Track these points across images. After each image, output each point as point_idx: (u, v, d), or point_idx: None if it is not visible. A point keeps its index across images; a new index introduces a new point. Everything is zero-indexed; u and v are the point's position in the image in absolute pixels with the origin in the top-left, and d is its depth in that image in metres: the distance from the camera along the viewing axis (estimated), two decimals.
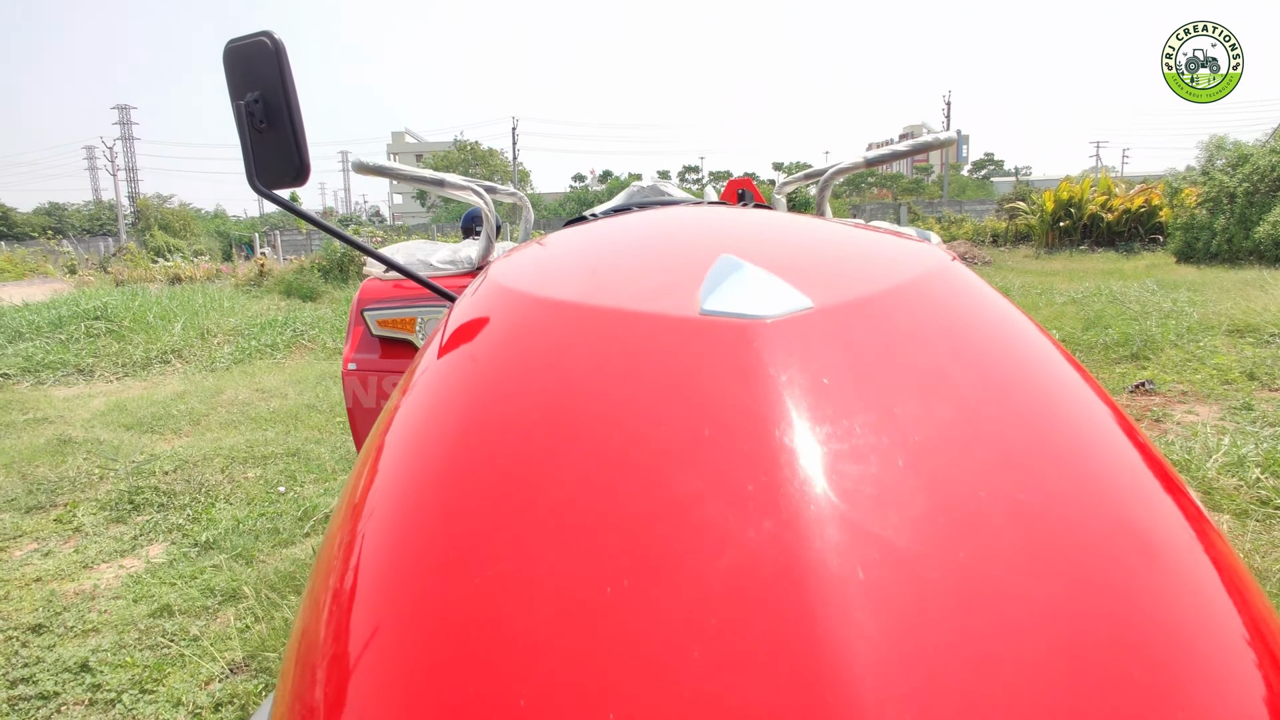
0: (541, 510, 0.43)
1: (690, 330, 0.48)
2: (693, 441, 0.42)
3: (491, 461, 0.49)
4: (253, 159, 1.07)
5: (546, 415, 0.50)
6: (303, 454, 4.66)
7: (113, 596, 2.92)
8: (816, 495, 0.38)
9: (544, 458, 0.47)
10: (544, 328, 0.59)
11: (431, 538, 0.46)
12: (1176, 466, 3.63)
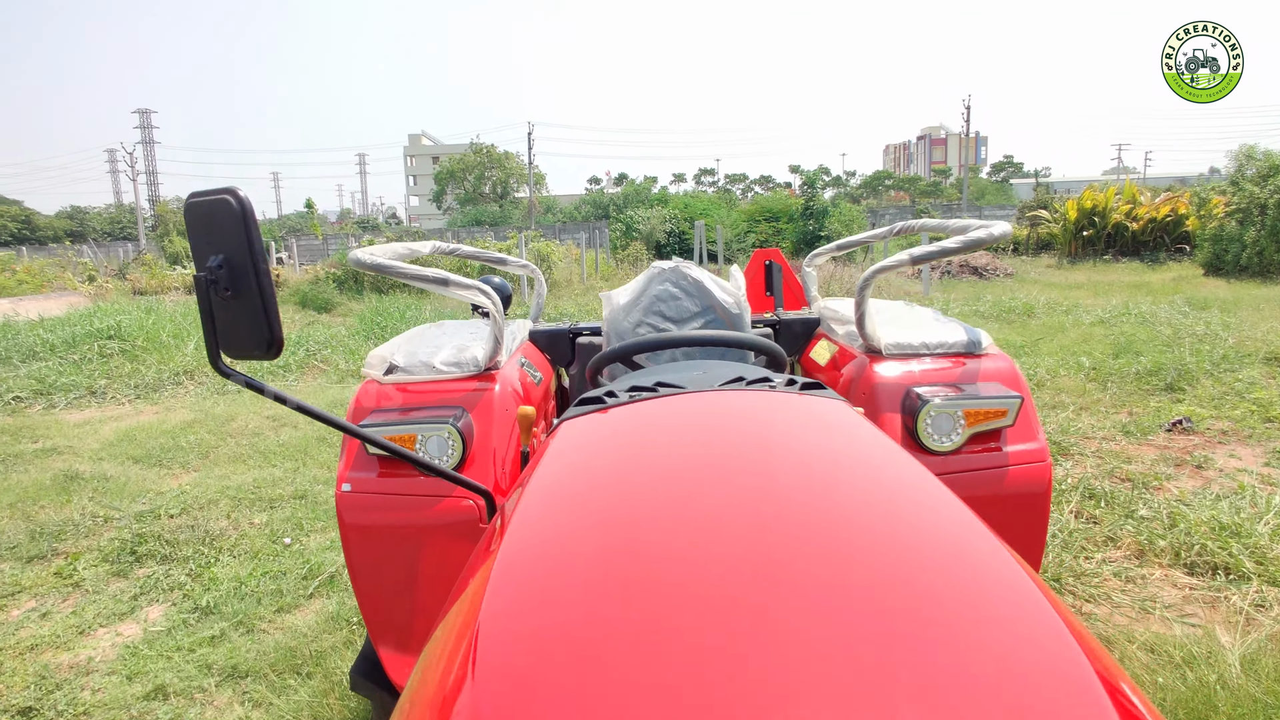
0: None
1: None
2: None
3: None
4: (214, 332, 0.92)
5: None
6: (310, 497, 4.54)
7: (107, 672, 2.80)
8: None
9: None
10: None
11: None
12: (1225, 530, 3.42)
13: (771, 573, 0.59)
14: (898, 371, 1.60)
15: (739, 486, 0.76)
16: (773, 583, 0.57)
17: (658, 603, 0.57)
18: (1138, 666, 2.48)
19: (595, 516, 0.74)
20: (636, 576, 0.61)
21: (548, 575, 0.66)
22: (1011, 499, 1.50)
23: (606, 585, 0.61)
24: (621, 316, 1.99)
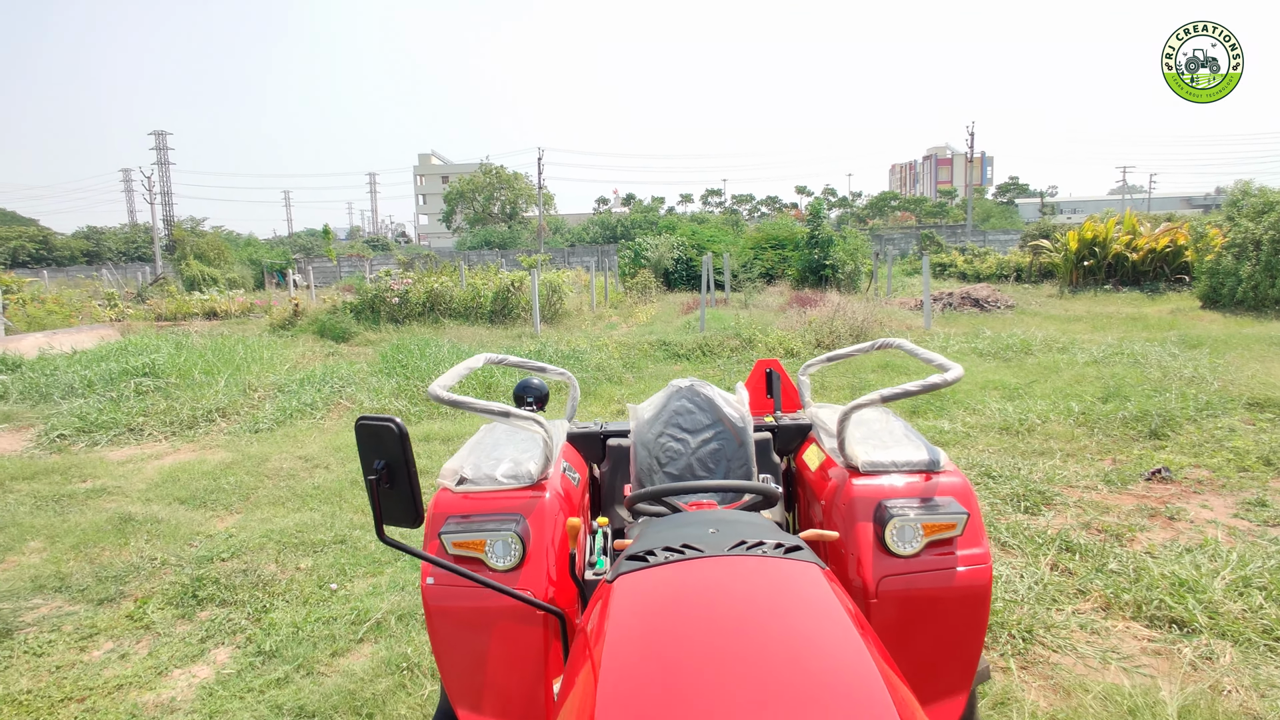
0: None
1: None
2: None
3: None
4: (379, 512, 1.33)
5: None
6: (350, 542, 4.94)
7: (189, 711, 3.19)
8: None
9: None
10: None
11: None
12: (1183, 585, 3.79)
13: (742, 689, 1.01)
14: (870, 487, 1.99)
15: (733, 637, 1.18)
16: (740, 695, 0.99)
17: (687, 705, 0.98)
18: (1091, 713, 2.84)
19: (656, 690, 1.13)
20: (675, 694, 1.02)
21: (629, 698, 1.07)
22: (959, 594, 1.88)
23: (662, 699, 1.02)
24: (646, 429, 2.40)
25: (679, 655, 1.14)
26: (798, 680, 1.06)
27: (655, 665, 1.13)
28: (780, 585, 1.37)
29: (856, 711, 1.00)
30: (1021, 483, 5.53)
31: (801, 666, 1.10)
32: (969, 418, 7.46)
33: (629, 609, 1.34)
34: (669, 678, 1.09)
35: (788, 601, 1.32)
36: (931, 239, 35.46)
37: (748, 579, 1.40)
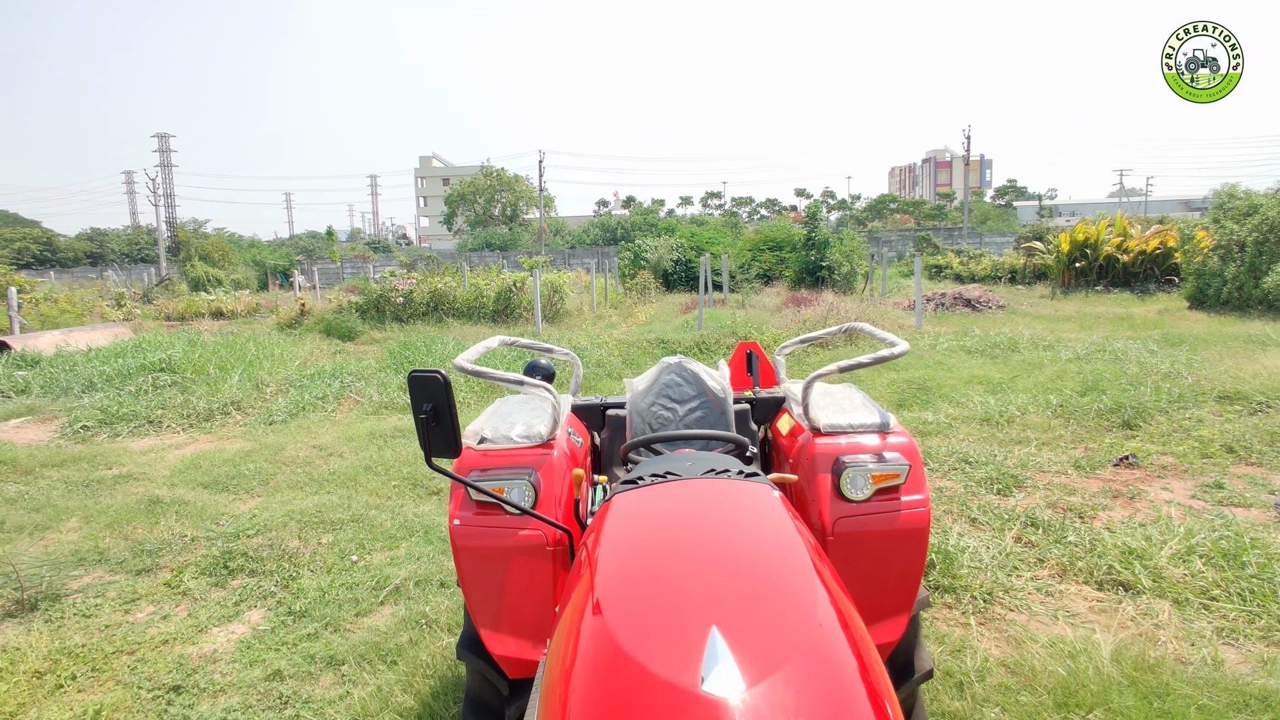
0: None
1: (692, 700, 1.08)
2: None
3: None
4: (428, 445, 1.69)
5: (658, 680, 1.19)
6: (366, 520, 5.30)
7: (230, 660, 3.55)
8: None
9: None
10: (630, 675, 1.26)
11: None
12: (1132, 553, 4.14)
13: (706, 591, 1.36)
14: (830, 444, 2.34)
15: (702, 555, 1.53)
16: (703, 581, 1.35)
17: (665, 602, 1.33)
18: (1036, 658, 3.20)
19: (641, 566, 1.48)
20: (658, 594, 1.38)
21: (619, 610, 1.41)
22: (902, 533, 2.23)
23: (645, 604, 1.37)
24: (640, 399, 2.75)
25: (659, 546, 1.50)
26: (746, 561, 1.42)
27: (640, 555, 1.49)
28: (739, 499, 1.73)
29: (785, 575, 1.35)
30: (996, 468, 5.88)
31: (750, 553, 1.46)
32: (952, 410, 7.82)
33: (622, 517, 1.70)
34: (650, 563, 1.45)
35: (744, 510, 1.68)
36: (928, 241, 35.84)
37: (714, 494, 1.77)
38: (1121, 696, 2.88)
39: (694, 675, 1.08)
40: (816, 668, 1.13)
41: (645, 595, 1.35)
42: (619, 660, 1.17)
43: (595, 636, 1.25)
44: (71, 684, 3.42)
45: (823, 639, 1.20)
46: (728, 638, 1.13)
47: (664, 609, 1.29)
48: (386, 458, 6.83)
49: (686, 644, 1.14)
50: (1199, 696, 2.89)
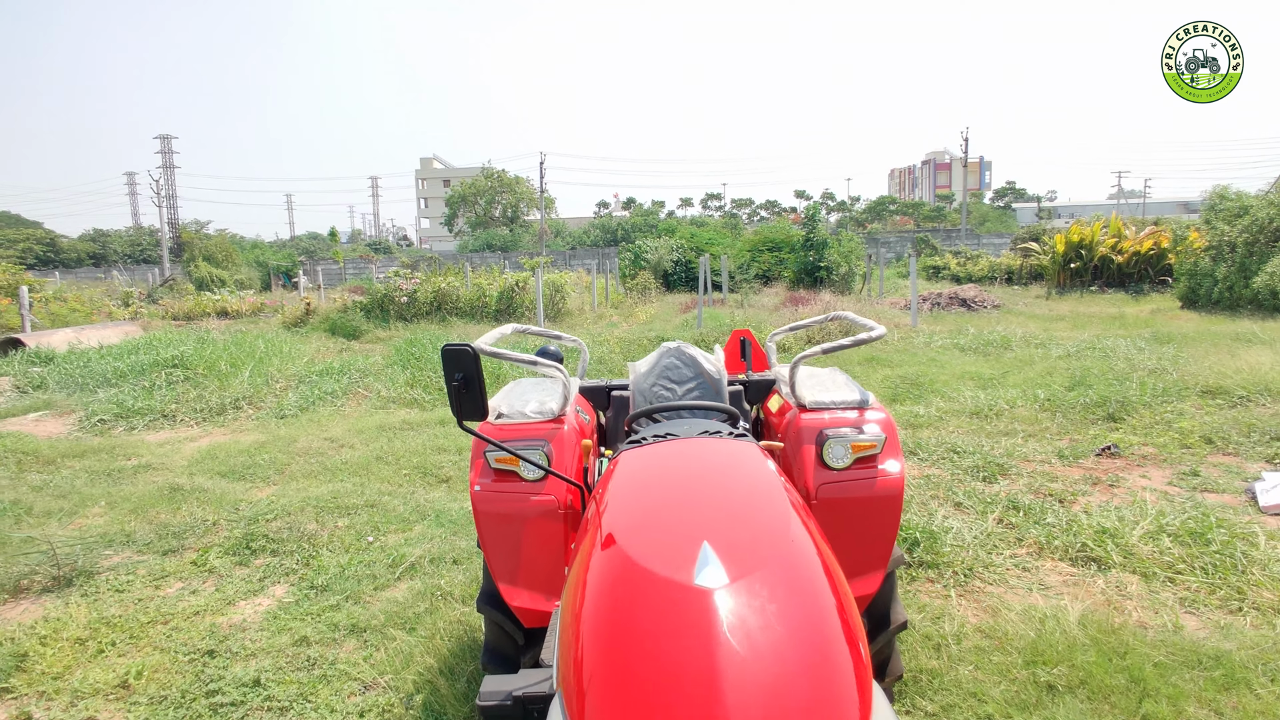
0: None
1: (686, 590, 1.34)
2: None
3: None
4: (459, 408, 1.94)
5: (648, 572, 1.40)
6: (380, 506, 5.54)
7: (259, 629, 3.80)
8: (727, 603, 1.27)
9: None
10: (632, 570, 1.47)
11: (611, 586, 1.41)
12: (1105, 533, 4.39)
13: (699, 516, 1.61)
14: (814, 419, 2.59)
15: (696, 492, 1.78)
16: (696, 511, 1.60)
17: (665, 526, 1.57)
18: (1009, 623, 3.45)
19: (645, 503, 1.73)
20: (659, 521, 1.62)
21: (627, 533, 1.66)
22: (878, 497, 2.48)
23: (649, 528, 1.61)
24: (642, 380, 2.99)
25: (659, 487, 1.75)
26: (732, 497, 1.67)
27: (643, 494, 1.74)
28: (728, 452, 1.99)
29: (764, 507, 1.60)
30: (982, 457, 6.13)
31: (736, 491, 1.71)
32: (943, 404, 8.06)
33: (628, 468, 1.95)
34: (652, 500, 1.70)
35: (732, 461, 1.93)
36: (926, 242, 36.11)
37: (706, 449, 2.02)
38: (1084, 655, 3.12)
39: (688, 573, 1.34)
40: (788, 572, 1.38)
41: (648, 522, 1.60)
42: (627, 566, 1.42)
43: (607, 552, 1.50)
44: (111, 649, 3.66)
45: (794, 552, 1.45)
46: (716, 549, 1.38)
47: (664, 531, 1.54)
48: (396, 448, 7.08)
49: (683, 553, 1.39)
50: (1156, 655, 3.14)
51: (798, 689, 1.17)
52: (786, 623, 1.27)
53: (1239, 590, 3.74)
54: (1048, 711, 2.83)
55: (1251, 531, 4.33)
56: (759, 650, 1.21)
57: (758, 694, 1.14)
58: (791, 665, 1.20)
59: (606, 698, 1.22)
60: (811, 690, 1.19)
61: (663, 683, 1.18)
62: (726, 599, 1.28)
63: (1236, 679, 2.99)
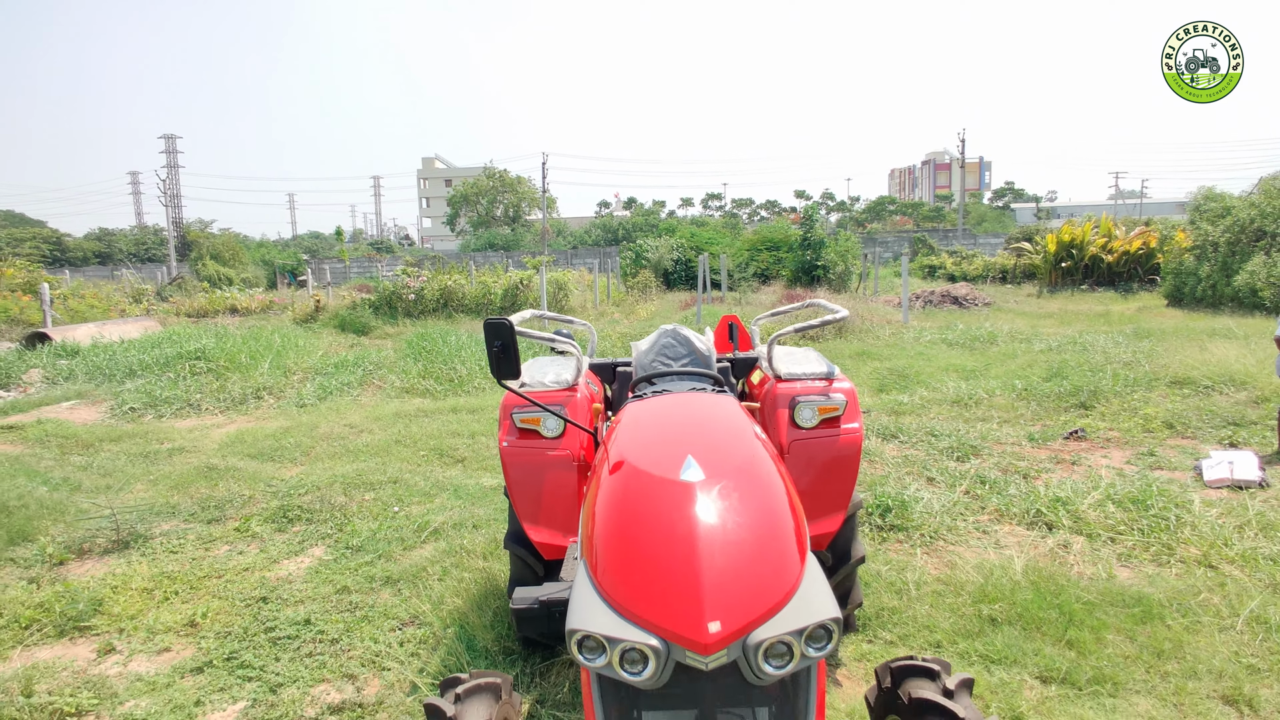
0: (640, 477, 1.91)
1: (673, 484, 1.84)
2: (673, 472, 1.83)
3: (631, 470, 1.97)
4: (498, 369, 2.43)
5: (646, 474, 1.90)
6: (402, 482, 6.04)
7: (303, 581, 4.29)
8: (706, 492, 1.76)
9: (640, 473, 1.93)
10: (637, 474, 1.96)
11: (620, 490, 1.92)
12: (1059, 501, 4.88)
13: (686, 440, 2.10)
14: (788, 388, 3.07)
15: (684, 426, 2.27)
16: (683, 437, 2.09)
17: (659, 446, 2.07)
18: (963, 573, 3.94)
19: (644, 434, 2.22)
20: (655, 443, 2.11)
21: (631, 452, 2.16)
22: (839, 452, 2.97)
23: (647, 448, 2.11)
24: (643, 357, 3.48)
25: (656, 423, 2.24)
26: (711, 428, 2.16)
27: (643, 428, 2.23)
28: (710, 402, 2.48)
29: (734, 434, 2.09)
30: (958, 439, 6.62)
31: (714, 425, 2.20)
32: (927, 393, 8.55)
33: (631, 414, 2.45)
34: (650, 432, 2.19)
35: (713, 408, 2.42)
36: (923, 242, 36.59)
37: (693, 399, 2.52)
38: (1024, 595, 3.62)
39: (675, 473, 1.83)
40: (748, 476, 1.88)
41: (647, 444, 2.10)
42: (631, 470, 1.92)
43: (617, 466, 2.00)
44: (175, 597, 4.16)
45: (754, 464, 1.95)
46: (696, 458, 1.88)
47: (658, 449, 2.03)
48: (414, 432, 7.58)
49: (672, 461, 1.89)
50: (1086, 596, 3.64)
51: (749, 548, 1.66)
52: (744, 506, 1.76)
53: (1169, 547, 4.24)
54: (987, 639, 3.33)
55: (1189, 500, 4.82)
56: (724, 522, 1.70)
57: (721, 549, 1.64)
58: (746, 532, 1.69)
59: (614, 554, 1.71)
60: (759, 549, 1.68)
61: (655, 543, 1.67)
62: (702, 490, 1.77)
63: (1153, 614, 3.48)
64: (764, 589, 1.61)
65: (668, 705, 1.65)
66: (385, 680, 3.26)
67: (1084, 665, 3.11)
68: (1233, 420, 7.04)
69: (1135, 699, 2.93)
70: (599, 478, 2.11)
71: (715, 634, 1.52)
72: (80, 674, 3.42)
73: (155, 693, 3.26)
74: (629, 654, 1.55)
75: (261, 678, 3.32)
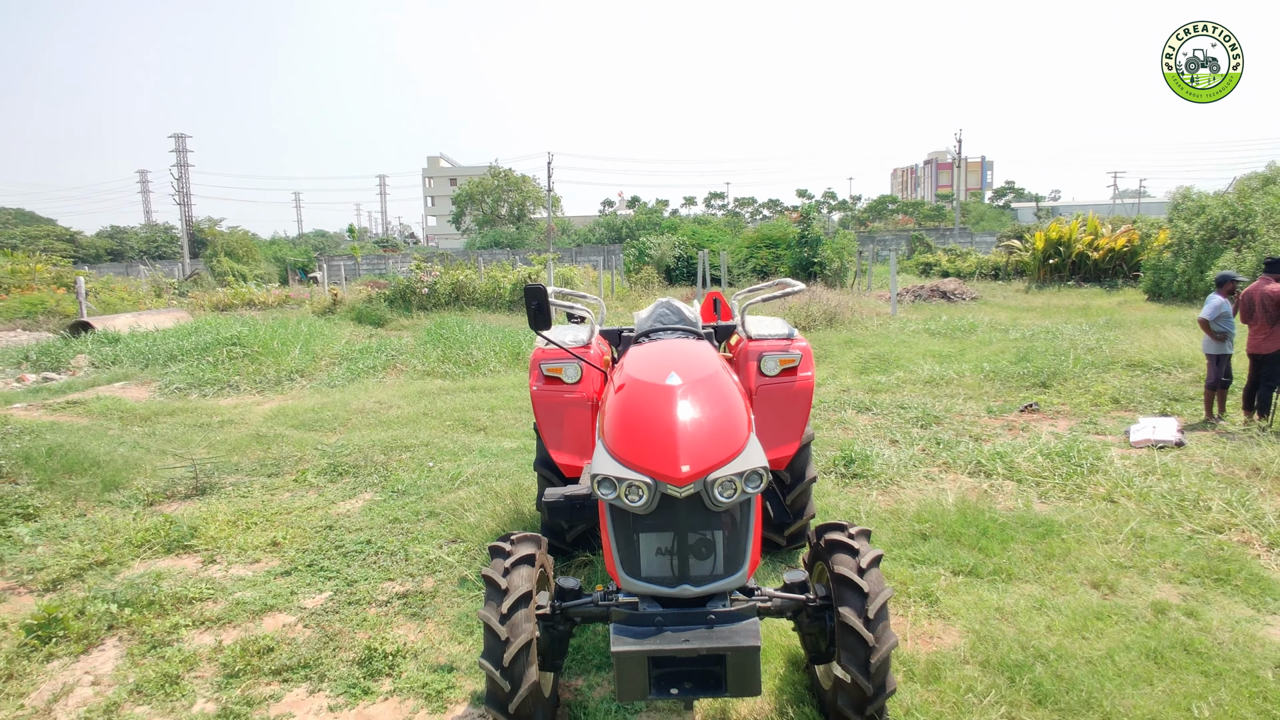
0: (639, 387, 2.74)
1: (660, 387, 2.70)
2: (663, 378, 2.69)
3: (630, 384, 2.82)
4: (535, 320, 3.27)
5: (644, 382, 2.76)
6: (433, 444, 6.89)
7: (361, 515, 5.15)
8: (683, 392, 2.62)
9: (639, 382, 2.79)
10: (638, 383, 2.83)
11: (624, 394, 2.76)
12: (998, 455, 5.72)
13: (670, 363, 2.96)
14: (756, 345, 3.92)
15: (670, 355, 3.13)
16: (668, 361, 2.95)
17: (651, 366, 2.93)
18: (905, 505, 4.79)
19: (642, 362, 3.06)
20: (650, 383, 2.98)
21: (632, 370, 3.01)
22: (796, 395, 3.81)
23: (644, 367, 2.96)
24: (643, 323, 4.31)
25: (650, 356, 3.10)
26: (688, 359, 3.01)
27: (641, 359, 3.09)
28: (691, 343, 3.35)
29: (704, 361, 2.95)
30: (924, 411, 7.46)
31: (691, 356, 3.05)
32: (903, 374, 9.39)
33: (634, 352, 3.31)
34: (646, 361, 3.04)
35: (692, 348, 3.28)
36: (921, 240, 37.36)
37: (679, 341, 3.38)
38: (950, 518, 4.47)
39: (662, 380, 2.69)
40: (712, 383, 2.74)
41: (644, 366, 2.96)
42: (633, 380, 2.79)
43: (623, 380, 2.87)
44: (255, 527, 5.02)
45: (717, 376, 2.81)
46: (677, 372, 2.74)
47: (651, 367, 2.90)
48: (438, 407, 8.44)
49: (660, 374, 2.76)
50: (1002, 520, 4.48)
51: (708, 423, 2.51)
52: (707, 399, 2.62)
53: (1080, 487, 5.08)
54: (916, 547, 4.18)
55: (1107, 454, 5.66)
56: (692, 407, 2.55)
57: (691, 423, 2.48)
58: (706, 414, 2.55)
59: (622, 429, 2.56)
60: (715, 424, 2.53)
61: (648, 421, 2.53)
62: (680, 390, 2.63)
63: (1052, 532, 4.33)
64: (718, 448, 2.46)
65: (655, 528, 2.48)
66: (438, 578, 4.12)
67: (988, 563, 3.96)
68: (1173, 396, 7.87)
69: (1023, 585, 3.78)
70: (612, 389, 2.98)
71: (686, 474, 2.36)
72: (193, 576, 4.29)
73: (256, 587, 4.12)
74: (630, 488, 2.40)
75: (339, 577, 4.19)
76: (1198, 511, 4.61)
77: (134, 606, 3.82)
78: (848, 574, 2.58)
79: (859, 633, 2.48)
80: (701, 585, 2.47)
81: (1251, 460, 5.44)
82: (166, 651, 3.47)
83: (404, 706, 3.04)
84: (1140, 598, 3.61)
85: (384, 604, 3.88)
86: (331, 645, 3.47)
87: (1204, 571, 3.85)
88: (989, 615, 3.45)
